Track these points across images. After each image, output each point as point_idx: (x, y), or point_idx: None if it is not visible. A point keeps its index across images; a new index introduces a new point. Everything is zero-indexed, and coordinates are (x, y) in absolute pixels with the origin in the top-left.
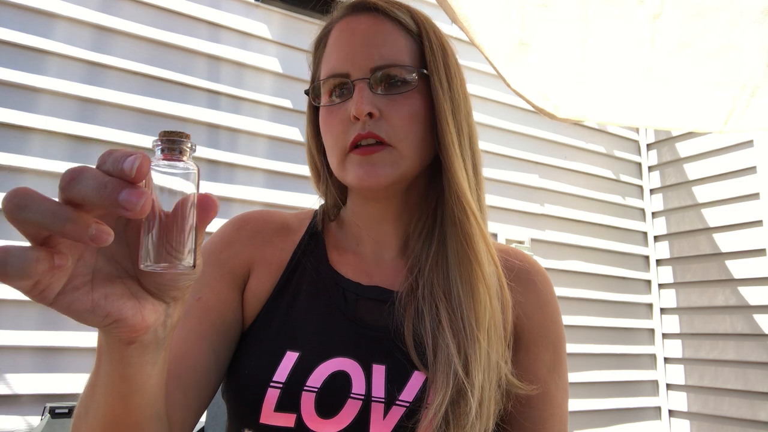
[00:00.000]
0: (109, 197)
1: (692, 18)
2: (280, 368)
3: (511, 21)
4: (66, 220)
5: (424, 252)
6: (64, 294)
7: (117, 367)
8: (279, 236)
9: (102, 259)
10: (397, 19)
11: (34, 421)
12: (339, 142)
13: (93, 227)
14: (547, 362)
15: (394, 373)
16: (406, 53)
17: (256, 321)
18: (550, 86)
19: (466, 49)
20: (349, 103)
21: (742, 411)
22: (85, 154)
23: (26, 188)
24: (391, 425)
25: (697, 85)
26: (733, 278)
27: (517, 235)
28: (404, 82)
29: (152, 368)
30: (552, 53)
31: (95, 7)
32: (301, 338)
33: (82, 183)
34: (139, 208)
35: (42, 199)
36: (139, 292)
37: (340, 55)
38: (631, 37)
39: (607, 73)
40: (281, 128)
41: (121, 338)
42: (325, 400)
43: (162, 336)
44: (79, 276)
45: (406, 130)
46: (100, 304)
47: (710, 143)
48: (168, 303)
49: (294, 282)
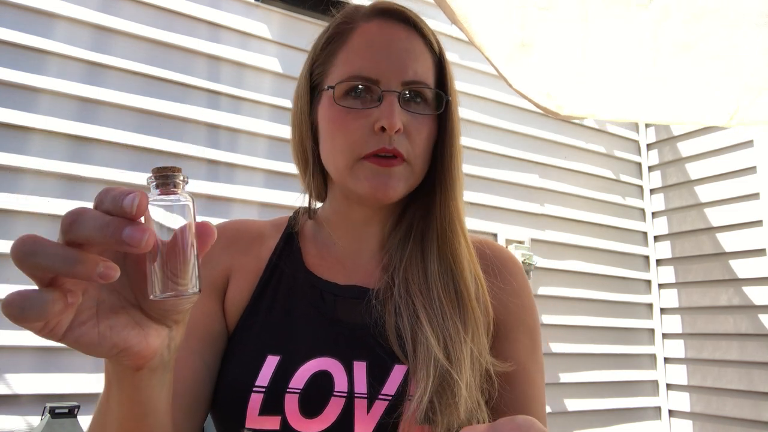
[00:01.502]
0: (113, 236)
1: (693, 19)
2: (261, 373)
3: (511, 21)
4: (75, 262)
5: (399, 251)
6: (72, 329)
7: (128, 393)
8: (254, 245)
9: (105, 291)
10: (426, 37)
11: (34, 421)
12: (355, 147)
13: (101, 266)
14: (526, 346)
15: (375, 368)
16: (431, 74)
17: (236, 328)
18: (553, 84)
19: (466, 49)
20: (373, 111)
21: (745, 411)
22: (85, 154)
23: (33, 235)
24: (375, 419)
25: (700, 84)
26: (737, 278)
27: (517, 235)
28: (425, 103)
29: (161, 390)
30: (553, 53)
31: (95, 7)
32: (281, 342)
33: (84, 224)
34: (143, 244)
35: (49, 244)
36: (143, 320)
37: (372, 59)
38: (633, 38)
39: (609, 70)
40: (281, 128)
41: (130, 365)
42: (309, 400)
43: (167, 358)
44: (85, 310)
45: (422, 148)
46: (106, 336)
47: (711, 143)
48: (170, 327)
49: (271, 287)
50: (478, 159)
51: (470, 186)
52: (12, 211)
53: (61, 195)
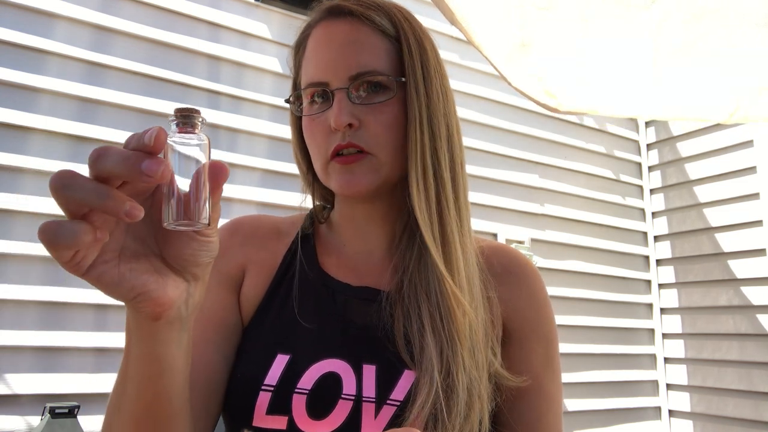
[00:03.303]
0: (132, 167)
1: (693, 19)
2: (271, 371)
3: (510, 21)
4: (105, 196)
5: (408, 251)
6: (96, 266)
7: (146, 345)
8: (271, 240)
9: (129, 237)
10: (374, 23)
11: (34, 421)
12: (321, 151)
13: (127, 204)
14: (540, 356)
15: (385, 372)
16: (384, 59)
17: (249, 324)
18: (552, 82)
19: (466, 49)
20: (329, 113)
21: (746, 412)
22: (85, 154)
23: (70, 170)
24: (382, 424)
25: (700, 84)
26: (736, 278)
27: (517, 235)
28: (383, 90)
29: (177, 348)
30: (553, 52)
31: (95, 7)
32: (292, 341)
33: (108, 158)
34: (159, 175)
35: (84, 178)
36: (163, 269)
37: (318, 63)
38: (633, 38)
39: (608, 69)
40: (281, 128)
41: (148, 313)
42: (316, 401)
43: (185, 314)
44: (109, 251)
45: (385, 137)
46: (126, 277)
47: (711, 143)
48: (189, 281)
49: (285, 285)
50: (478, 159)
51: (470, 186)
52: (12, 211)
53: None
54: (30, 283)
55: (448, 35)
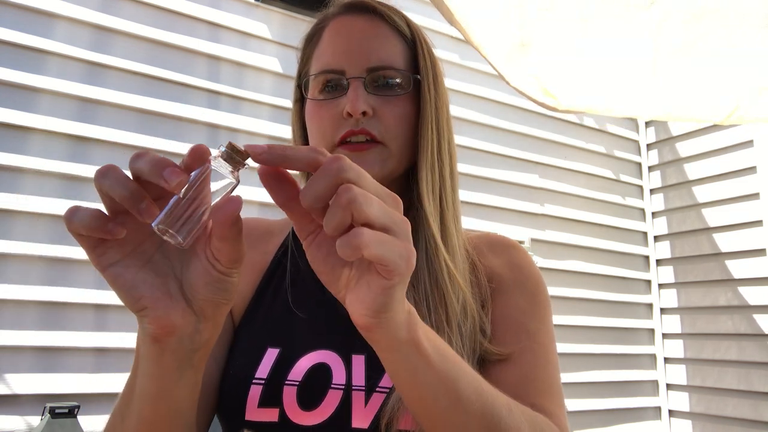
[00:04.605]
0: (155, 168)
1: (693, 19)
2: (261, 365)
3: (509, 21)
4: (128, 190)
5: None
6: (116, 266)
7: (146, 364)
8: (262, 241)
9: (159, 253)
10: (394, 24)
11: (34, 421)
12: (327, 137)
13: (144, 203)
14: (522, 306)
15: (374, 360)
16: (400, 58)
17: (241, 322)
18: (551, 81)
19: (466, 49)
20: (341, 100)
21: (745, 412)
22: (85, 154)
23: (113, 165)
24: (373, 412)
25: (700, 84)
26: (736, 278)
27: (517, 235)
28: (398, 85)
29: (178, 377)
30: (552, 52)
31: (95, 7)
32: (281, 334)
33: (142, 159)
34: (173, 184)
35: (120, 173)
36: (176, 294)
37: (336, 51)
38: (633, 38)
39: (608, 69)
40: (281, 128)
41: (150, 332)
42: (307, 392)
43: (188, 348)
44: (135, 259)
45: (397, 129)
46: (138, 287)
47: (711, 143)
48: (198, 316)
49: (275, 281)
50: (478, 159)
51: (470, 186)
52: (12, 211)
53: (61, 195)
54: (30, 283)
55: (448, 35)
